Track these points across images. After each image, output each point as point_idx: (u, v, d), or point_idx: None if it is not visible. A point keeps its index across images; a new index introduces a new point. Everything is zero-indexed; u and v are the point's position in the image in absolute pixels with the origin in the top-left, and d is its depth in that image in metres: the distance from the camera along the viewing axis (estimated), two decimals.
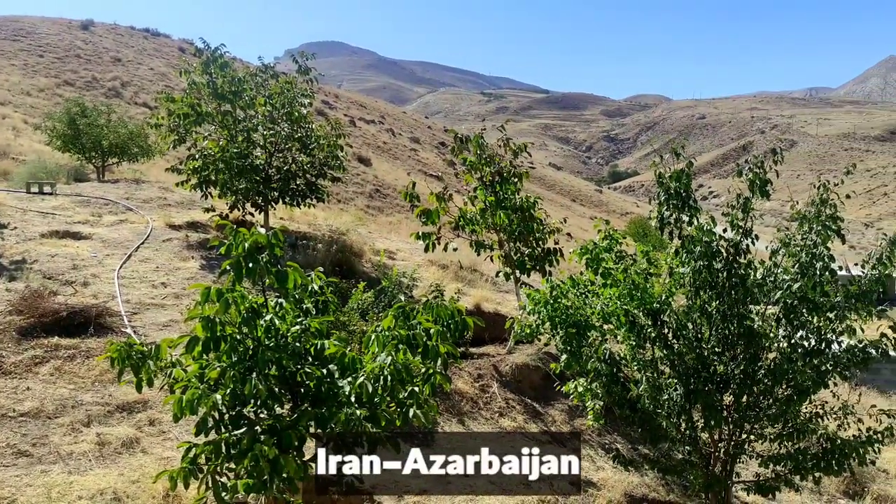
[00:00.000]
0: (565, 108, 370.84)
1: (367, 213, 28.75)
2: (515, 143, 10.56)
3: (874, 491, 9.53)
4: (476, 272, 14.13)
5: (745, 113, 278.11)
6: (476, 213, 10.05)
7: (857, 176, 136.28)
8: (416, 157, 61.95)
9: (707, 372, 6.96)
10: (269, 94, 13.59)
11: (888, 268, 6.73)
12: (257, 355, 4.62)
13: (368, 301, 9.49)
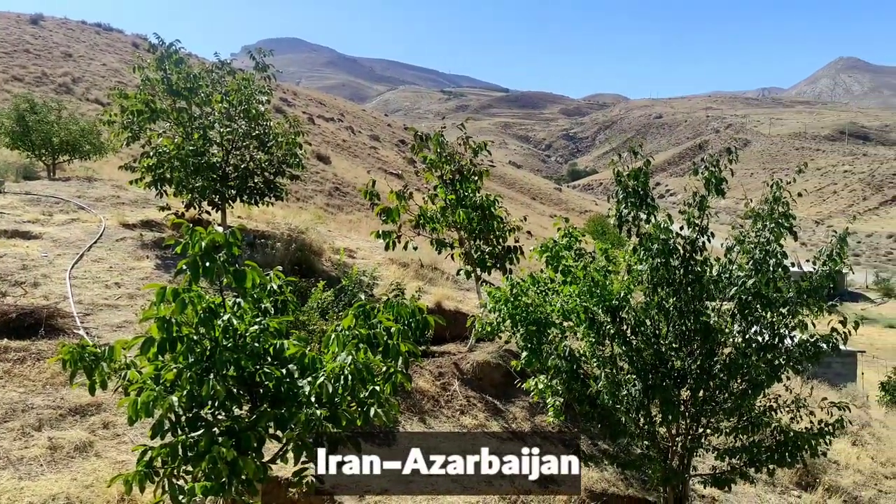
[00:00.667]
0: (525, 107, 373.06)
1: (326, 211, 28.55)
2: (475, 141, 10.58)
3: (826, 482, 9.77)
4: (437, 270, 14.13)
5: (700, 112, 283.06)
6: (437, 212, 10.04)
7: (808, 175, 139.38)
8: (376, 156, 61.71)
9: (665, 367, 7.06)
10: (225, 90, 13.39)
11: (838, 264, 6.91)
12: (215, 356, 4.55)
13: (328, 300, 9.42)
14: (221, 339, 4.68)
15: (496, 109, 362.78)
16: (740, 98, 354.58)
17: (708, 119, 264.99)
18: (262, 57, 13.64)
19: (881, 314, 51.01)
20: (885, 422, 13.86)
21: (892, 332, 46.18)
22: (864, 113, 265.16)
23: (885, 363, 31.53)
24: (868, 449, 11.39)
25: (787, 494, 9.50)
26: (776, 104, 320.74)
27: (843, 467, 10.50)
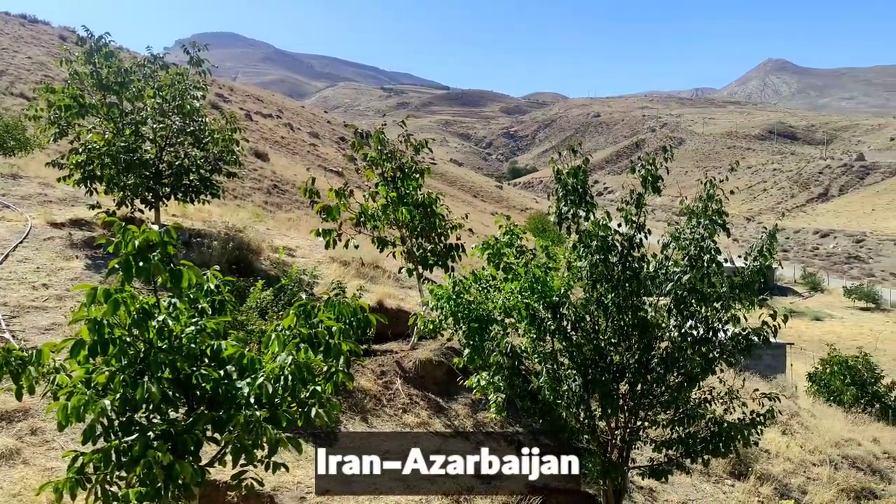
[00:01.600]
0: (465, 105, 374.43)
1: (265, 209, 28.10)
2: (417, 138, 10.55)
3: (757, 470, 10.09)
4: (378, 269, 14.05)
5: (636, 112, 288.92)
6: (378, 210, 9.98)
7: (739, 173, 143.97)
8: (315, 153, 61.06)
9: (604, 362, 7.17)
10: (158, 85, 13.04)
11: (768, 260, 7.14)
12: (149, 358, 4.43)
13: (268, 300, 9.27)
14: (156, 341, 4.56)
15: (437, 107, 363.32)
16: (675, 98, 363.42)
17: (644, 118, 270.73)
18: (197, 51, 13.32)
19: (808, 308, 52.96)
20: (812, 411, 14.40)
21: (819, 324, 48.01)
22: (792, 113, 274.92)
23: (812, 355, 32.74)
24: (797, 438, 11.81)
25: (721, 483, 9.77)
26: (709, 104, 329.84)
27: (773, 456, 10.85)
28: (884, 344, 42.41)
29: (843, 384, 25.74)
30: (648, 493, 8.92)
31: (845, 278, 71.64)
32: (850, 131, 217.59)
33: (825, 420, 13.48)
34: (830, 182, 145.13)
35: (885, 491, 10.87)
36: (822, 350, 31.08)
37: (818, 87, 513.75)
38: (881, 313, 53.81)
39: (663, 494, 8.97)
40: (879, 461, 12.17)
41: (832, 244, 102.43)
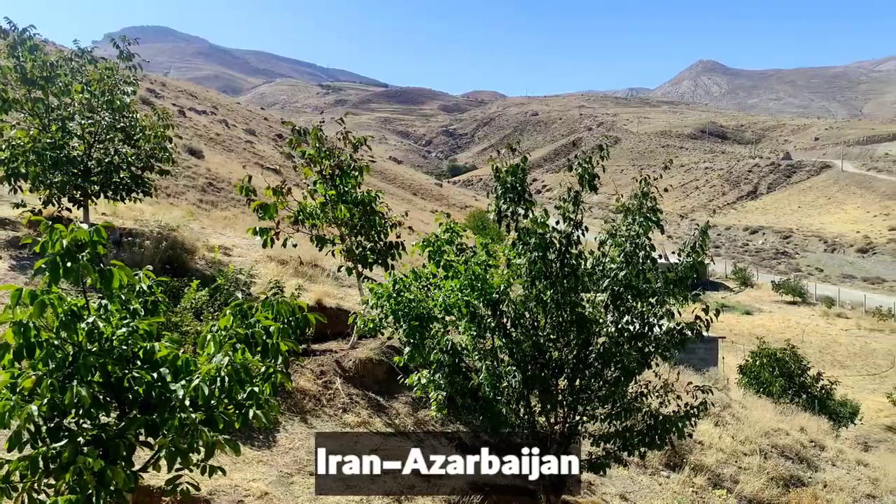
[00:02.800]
0: (404, 103, 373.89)
1: (199, 207, 27.49)
2: (355, 136, 10.47)
3: (691, 461, 10.36)
4: (317, 267, 13.90)
5: (574, 111, 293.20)
6: (316, 208, 9.87)
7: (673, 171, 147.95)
8: (252, 150, 60.05)
9: (543, 358, 7.25)
10: (86, 80, 12.60)
11: (700, 255, 7.33)
12: (78, 361, 4.28)
13: (203, 300, 9.08)
14: (86, 344, 4.41)
15: (376, 104, 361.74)
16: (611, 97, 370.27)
17: (581, 117, 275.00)
18: (127, 45, 12.91)
19: (739, 302, 54.65)
20: (743, 403, 14.85)
21: (749, 318, 49.58)
22: (722, 113, 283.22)
23: (742, 348, 33.80)
24: (729, 429, 12.17)
25: (657, 475, 10.00)
26: (643, 104, 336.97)
27: (707, 447, 11.16)
28: (809, 336, 44.12)
29: (771, 376, 26.67)
30: (587, 487, 9.06)
31: (773, 273, 74.23)
32: (777, 131, 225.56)
33: (755, 411, 13.92)
34: (759, 180, 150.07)
35: (811, 478, 11.29)
36: (752, 343, 32.11)
37: (747, 88, 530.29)
38: (807, 307, 55.91)
39: (601, 487, 9.13)
40: (806, 449, 12.64)
41: (761, 240, 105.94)
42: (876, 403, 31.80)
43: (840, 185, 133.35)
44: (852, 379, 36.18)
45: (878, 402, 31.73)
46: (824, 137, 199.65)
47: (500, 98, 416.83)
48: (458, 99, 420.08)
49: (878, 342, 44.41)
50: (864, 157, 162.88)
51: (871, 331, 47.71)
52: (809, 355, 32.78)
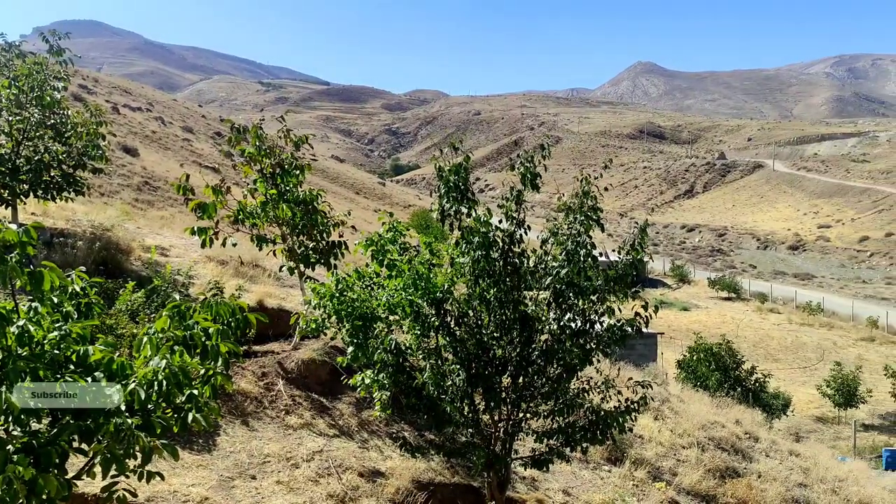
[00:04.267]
0: (346, 101, 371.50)
1: (135, 207, 26.77)
2: (296, 134, 10.34)
3: (632, 455, 10.55)
4: (258, 267, 13.68)
5: (515, 110, 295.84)
6: (257, 207, 9.71)
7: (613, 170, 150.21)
8: (189, 148, 58.80)
9: (487, 356, 7.30)
10: (14, 75, 12.14)
11: (640, 253, 7.47)
12: (8, 366, 4.12)
13: (139, 302, 8.85)
14: (15, 348, 4.24)
15: (317, 102, 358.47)
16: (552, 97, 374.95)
17: (523, 117, 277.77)
18: (57, 39, 12.46)
19: (677, 298, 55.95)
20: (681, 396, 15.20)
21: (687, 314, 50.81)
22: (660, 114, 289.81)
23: (681, 343, 34.63)
24: (668, 422, 12.44)
25: (599, 469, 10.15)
26: (584, 104, 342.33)
27: (647, 441, 11.38)
28: (744, 331, 45.47)
29: (708, 370, 27.43)
30: (531, 483, 9.15)
31: (709, 270, 76.22)
32: (713, 131, 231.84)
33: (693, 404, 14.25)
34: (695, 179, 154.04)
35: (746, 469, 11.63)
36: (689, 338, 32.92)
37: (683, 90, 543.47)
38: (741, 302, 57.63)
39: (545, 483, 9.22)
40: (741, 441, 13.02)
41: (697, 238, 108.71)
42: (806, 395, 32.97)
43: (772, 185, 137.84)
44: (784, 372, 37.44)
45: (808, 394, 32.90)
46: (757, 138, 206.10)
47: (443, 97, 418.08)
48: (400, 98, 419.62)
49: (807, 336, 46.07)
50: (794, 157, 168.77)
51: (802, 325, 49.46)
52: (744, 349, 33.78)
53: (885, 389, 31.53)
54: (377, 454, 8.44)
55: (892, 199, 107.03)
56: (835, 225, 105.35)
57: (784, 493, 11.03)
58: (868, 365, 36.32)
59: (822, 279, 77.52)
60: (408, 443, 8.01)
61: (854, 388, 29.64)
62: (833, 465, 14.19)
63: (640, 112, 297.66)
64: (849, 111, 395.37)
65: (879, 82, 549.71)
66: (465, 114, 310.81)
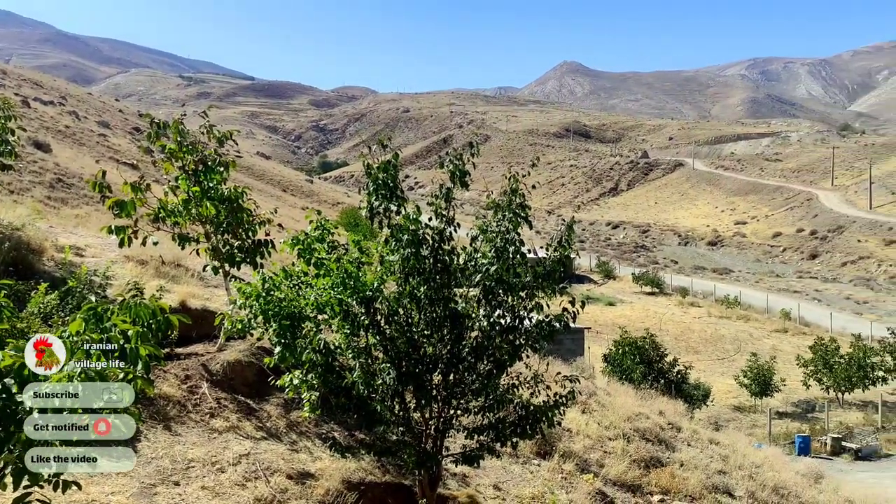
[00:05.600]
0: (272, 97, 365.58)
1: (47, 205, 25.65)
2: (220, 130, 10.06)
3: (561, 448, 10.70)
4: (181, 267, 13.28)
5: (444, 108, 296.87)
6: (179, 205, 9.40)
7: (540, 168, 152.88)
8: (106, 144, 56.76)
9: (417, 354, 7.27)
10: None
11: (567, 250, 7.57)
12: None
13: (52, 304, 8.46)
14: None
15: (242, 98, 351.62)
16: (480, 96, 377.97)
17: (452, 114, 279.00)
18: None
19: (603, 294, 57.20)
20: (608, 390, 15.52)
21: (612, 309, 51.98)
22: (586, 113, 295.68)
23: (607, 337, 35.39)
24: (595, 415, 12.67)
25: (529, 464, 10.26)
26: (512, 102, 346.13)
27: (575, 434, 11.57)
28: (666, 325, 46.86)
29: (633, 363, 28.15)
30: (462, 479, 9.17)
31: (633, 266, 78.25)
32: (636, 131, 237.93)
33: (619, 397, 14.57)
34: (620, 177, 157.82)
35: (669, 458, 11.96)
36: (615, 333, 33.69)
37: (608, 90, 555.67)
38: (664, 297, 59.36)
39: (476, 479, 9.26)
40: (665, 431, 13.38)
41: (622, 234, 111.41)
42: (725, 385, 34.20)
43: (692, 183, 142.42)
44: (704, 363, 38.76)
45: (727, 385, 34.13)
46: (678, 137, 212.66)
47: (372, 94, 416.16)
48: (328, 94, 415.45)
49: (726, 328, 47.83)
50: (712, 156, 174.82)
51: (721, 318, 51.31)
52: (667, 342, 34.79)
53: (797, 378, 33.02)
54: (307, 455, 8.30)
55: (802, 197, 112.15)
56: (750, 221, 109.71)
57: (705, 480, 11.39)
58: (781, 355, 37.95)
59: (739, 273, 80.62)
60: (338, 443, 7.91)
61: (769, 377, 30.92)
62: (750, 452, 14.74)
63: (567, 111, 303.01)
64: (762, 112, 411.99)
65: (790, 84, 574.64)
66: (394, 111, 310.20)
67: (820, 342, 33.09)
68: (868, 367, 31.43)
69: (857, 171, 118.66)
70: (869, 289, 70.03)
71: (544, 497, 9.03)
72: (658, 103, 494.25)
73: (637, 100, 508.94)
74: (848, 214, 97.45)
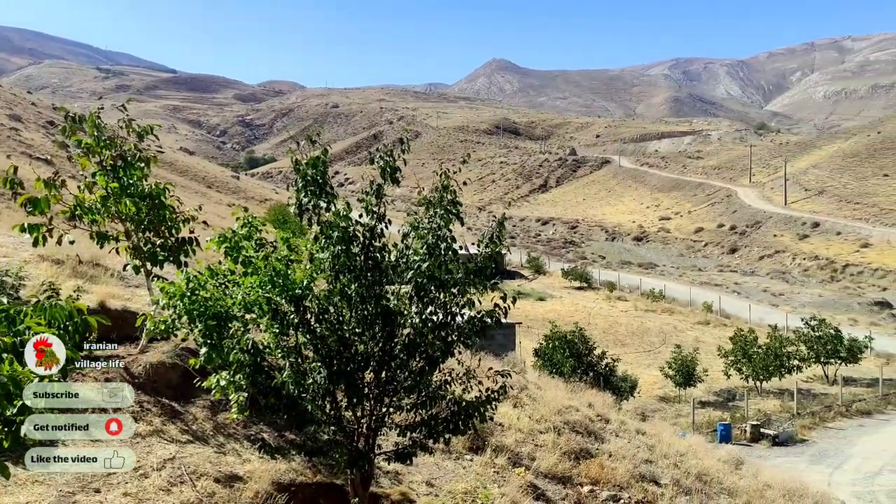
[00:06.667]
0: (195, 90, 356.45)
1: None
2: (140, 124, 9.72)
3: (493, 443, 10.77)
4: (100, 266, 12.78)
5: (374, 104, 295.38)
6: (97, 202, 9.04)
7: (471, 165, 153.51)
8: (17, 138, 54.36)
9: (349, 352, 7.20)
10: None
11: (498, 246, 7.62)
12: None
13: None
14: None
15: (163, 91, 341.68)
16: (410, 92, 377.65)
17: (382, 111, 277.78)
18: None
19: (533, 289, 57.98)
20: (538, 383, 15.70)
21: (543, 304, 52.74)
22: (515, 110, 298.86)
23: (537, 332, 35.88)
24: (526, 409, 12.81)
25: (461, 459, 10.30)
26: (442, 99, 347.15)
27: (506, 428, 11.66)
28: (595, 319, 47.83)
29: (563, 357, 28.63)
30: (394, 477, 9.13)
31: (563, 261, 79.63)
32: (564, 128, 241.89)
33: (549, 391, 14.76)
34: (549, 174, 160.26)
35: (598, 450, 12.19)
36: (545, 327, 34.19)
37: (536, 87, 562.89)
38: (592, 291, 60.61)
39: (409, 476, 9.23)
40: (594, 423, 13.63)
41: (552, 230, 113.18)
42: (651, 377, 35.14)
43: (618, 179, 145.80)
44: (631, 356, 39.73)
45: (653, 376, 35.07)
46: (604, 135, 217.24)
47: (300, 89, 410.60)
48: (254, 88, 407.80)
49: (651, 321, 49.15)
50: (637, 153, 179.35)
51: (646, 311, 52.70)
52: (595, 336, 35.54)
53: (719, 368, 34.21)
54: (235, 458, 8.11)
55: (722, 193, 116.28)
56: (674, 217, 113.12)
57: (632, 469, 11.65)
58: (704, 346, 39.23)
59: (664, 268, 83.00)
60: (267, 444, 7.76)
61: (692, 368, 31.93)
62: (675, 441, 15.17)
63: (497, 108, 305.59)
64: (685, 111, 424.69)
65: (710, 84, 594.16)
66: (323, 106, 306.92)
67: (739, 333, 34.38)
68: (784, 357, 32.85)
69: (772, 169, 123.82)
70: (784, 281, 73.22)
71: (476, 492, 9.07)
72: (585, 101, 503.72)
73: (565, 98, 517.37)
74: (765, 210, 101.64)
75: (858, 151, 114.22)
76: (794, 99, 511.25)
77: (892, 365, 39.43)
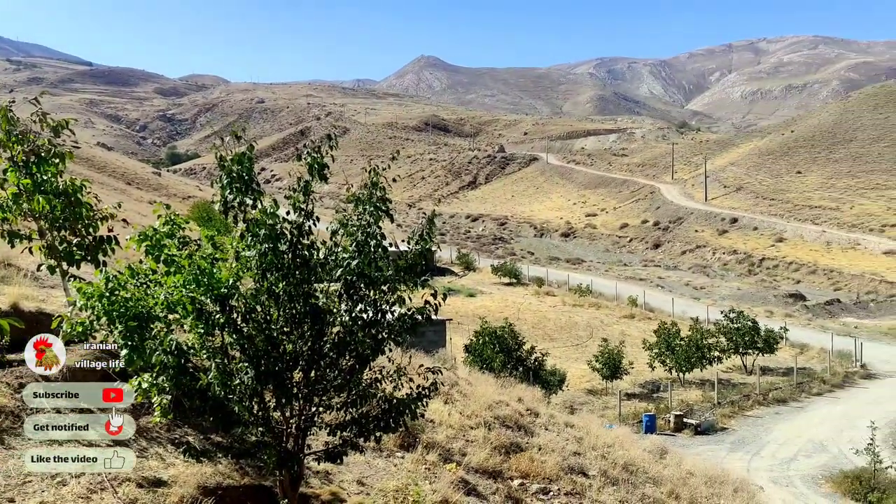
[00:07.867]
0: (113, 84, 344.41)
1: None
2: (55, 118, 9.32)
3: (424, 440, 10.78)
4: (11, 267, 12.20)
5: (301, 99, 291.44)
6: (8, 199, 8.65)
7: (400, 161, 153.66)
8: None
9: (277, 352, 7.07)
10: None
11: (428, 243, 7.62)
12: None
13: None
14: None
15: (79, 84, 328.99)
16: (338, 87, 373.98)
17: (309, 106, 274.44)
18: None
19: (463, 285, 58.21)
20: (469, 379, 15.78)
21: (473, 300, 53.06)
22: (444, 107, 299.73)
23: (468, 328, 36.05)
24: (457, 405, 12.86)
25: (393, 457, 10.27)
26: (370, 95, 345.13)
27: (438, 425, 11.68)
28: (524, 314, 48.43)
29: (493, 352, 28.88)
30: (324, 477, 9.03)
31: (492, 257, 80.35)
32: (492, 125, 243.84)
33: (480, 386, 14.85)
34: (478, 171, 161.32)
35: (528, 443, 12.34)
36: (475, 323, 34.42)
37: (465, 85, 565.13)
38: (522, 287, 61.30)
39: (339, 475, 9.15)
40: (524, 417, 13.80)
41: (481, 227, 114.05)
42: (579, 371, 35.80)
43: (546, 176, 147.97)
44: (560, 350, 40.39)
45: (580, 370, 35.74)
46: (532, 132, 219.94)
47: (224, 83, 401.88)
48: (175, 82, 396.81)
49: (579, 316, 50.08)
50: (564, 150, 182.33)
51: (574, 306, 53.66)
52: (524, 331, 35.97)
53: (644, 361, 35.15)
54: (158, 462, 7.88)
55: (646, 190, 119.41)
56: (600, 213, 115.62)
57: (561, 462, 11.84)
58: (630, 339, 40.24)
59: (591, 263, 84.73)
60: (192, 447, 7.56)
61: (618, 361, 32.70)
62: (602, 432, 15.49)
63: (426, 105, 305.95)
64: (610, 109, 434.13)
65: (634, 83, 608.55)
66: (248, 101, 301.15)
67: (663, 326, 35.39)
68: (705, 349, 34.04)
69: (693, 166, 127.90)
70: (705, 275, 75.82)
71: (408, 489, 9.05)
72: (513, 99, 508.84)
73: (493, 95, 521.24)
74: (686, 206, 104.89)
75: (773, 150, 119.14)
76: (714, 98, 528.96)
77: (805, 354, 41.32)
